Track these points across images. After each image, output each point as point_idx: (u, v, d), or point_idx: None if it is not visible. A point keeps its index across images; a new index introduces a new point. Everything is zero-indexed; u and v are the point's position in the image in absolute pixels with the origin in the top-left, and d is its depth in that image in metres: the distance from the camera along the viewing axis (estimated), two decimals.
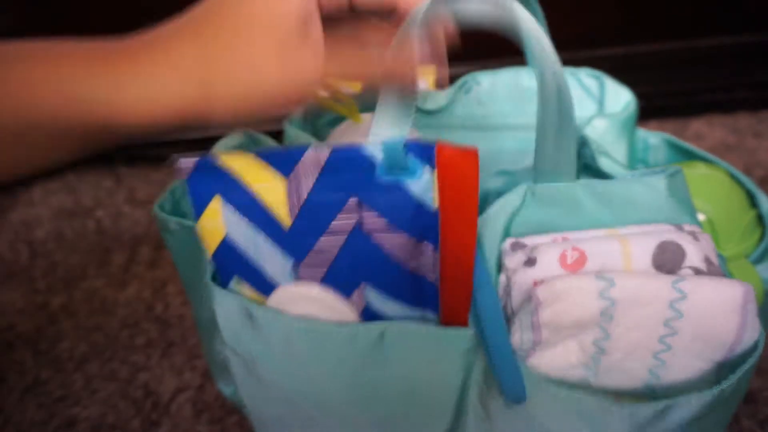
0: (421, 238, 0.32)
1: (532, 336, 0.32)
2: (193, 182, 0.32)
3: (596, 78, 0.47)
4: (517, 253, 0.33)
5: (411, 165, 0.30)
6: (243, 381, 0.40)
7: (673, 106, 0.82)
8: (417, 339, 0.34)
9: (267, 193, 0.32)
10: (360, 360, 0.34)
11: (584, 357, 0.33)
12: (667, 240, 0.32)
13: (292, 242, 0.33)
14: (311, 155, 0.30)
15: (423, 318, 0.35)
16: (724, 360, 0.32)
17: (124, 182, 0.83)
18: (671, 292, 0.31)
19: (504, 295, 0.34)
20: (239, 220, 0.33)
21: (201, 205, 0.33)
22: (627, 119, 0.45)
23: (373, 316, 0.35)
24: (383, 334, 0.34)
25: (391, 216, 0.31)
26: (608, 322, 0.32)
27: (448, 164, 0.29)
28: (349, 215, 0.32)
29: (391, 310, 0.35)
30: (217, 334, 0.40)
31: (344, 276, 0.34)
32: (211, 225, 0.34)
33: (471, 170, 0.29)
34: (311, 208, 0.32)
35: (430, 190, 0.30)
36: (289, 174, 0.31)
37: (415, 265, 0.33)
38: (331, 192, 0.31)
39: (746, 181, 0.44)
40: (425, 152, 0.29)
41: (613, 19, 0.77)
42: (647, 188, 0.34)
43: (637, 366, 0.33)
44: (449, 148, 0.29)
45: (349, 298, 0.35)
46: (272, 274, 0.35)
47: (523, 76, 0.49)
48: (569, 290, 0.31)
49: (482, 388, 0.35)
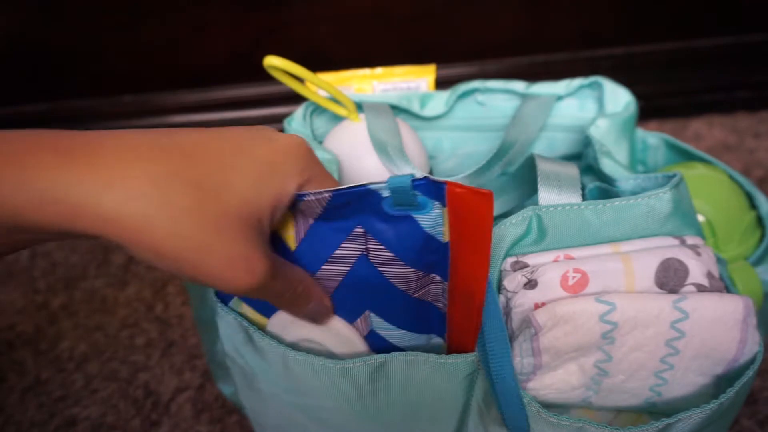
0: (428, 270, 0.31)
1: (532, 360, 0.32)
2: None
3: (595, 83, 0.47)
4: (518, 274, 0.33)
5: (420, 201, 0.28)
6: (243, 389, 0.40)
7: (673, 106, 0.82)
8: (417, 368, 0.33)
9: None
10: (358, 389, 0.34)
11: (585, 379, 0.33)
12: (670, 257, 0.32)
13: (297, 265, 0.32)
14: (312, 199, 0.29)
15: (428, 342, 0.34)
16: (725, 373, 0.32)
17: None
18: (673, 312, 0.31)
19: (504, 316, 0.33)
20: None
21: None
22: (627, 120, 0.45)
23: (378, 340, 0.34)
24: (382, 365, 0.33)
25: (398, 248, 0.30)
26: (610, 345, 0.31)
27: (460, 202, 0.28)
28: (355, 244, 0.31)
29: (396, 336, 0.34)
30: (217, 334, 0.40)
31: (348, 303, 0.33)
32: None
33: (485, 211, 0.27)
34: (317, 233, 0.31)
35: (440, 225, 0.29)
36: (292, 209, 0.30)
37: (422, 295, 0.32)
38: (337, 220, 0.30)
39: (745, 182, 0.43)
40: (434, 190, 0.28)
41: (613, 19, 0.77)
42: (653, 202, 0.33)
43: (638, 385, 0.33)
44: (461, 187, 0.27)
45: (353, 324, 0.34)
46: None
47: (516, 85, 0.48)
48: (570, 314, 0.31)
49: (482, 408, 0.35)
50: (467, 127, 0.50)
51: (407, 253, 0.30)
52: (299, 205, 0.30)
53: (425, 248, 0.30)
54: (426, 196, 0.28)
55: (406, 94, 0.48)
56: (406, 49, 0.77)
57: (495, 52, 0.78)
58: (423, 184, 0.28)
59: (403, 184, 0.28)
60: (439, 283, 0.31)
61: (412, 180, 0.28)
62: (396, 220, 0.29)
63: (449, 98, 0.48)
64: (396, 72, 0.51)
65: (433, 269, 0.31)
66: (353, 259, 0.31)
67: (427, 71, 0.52)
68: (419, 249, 0.30)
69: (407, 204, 0.29)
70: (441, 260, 0.30)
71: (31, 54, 0.76)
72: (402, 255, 0.30)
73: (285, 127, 0.45)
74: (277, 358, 0.34)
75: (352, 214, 0.30)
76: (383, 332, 0.34)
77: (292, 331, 0.34)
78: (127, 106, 0.79)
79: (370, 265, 0.31)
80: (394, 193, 0.28)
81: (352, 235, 0.31)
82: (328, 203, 0.29)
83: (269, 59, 0.38)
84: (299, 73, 0.39)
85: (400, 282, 0.32)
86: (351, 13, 0.74)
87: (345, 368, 0.33)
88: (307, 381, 0.34)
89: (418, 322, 0.34)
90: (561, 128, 0.49)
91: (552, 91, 0.48)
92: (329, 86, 0.42)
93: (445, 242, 0.29)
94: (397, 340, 0.34)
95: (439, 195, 0.28)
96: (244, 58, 0.76)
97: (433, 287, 0.32)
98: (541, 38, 0.78)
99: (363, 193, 0.29)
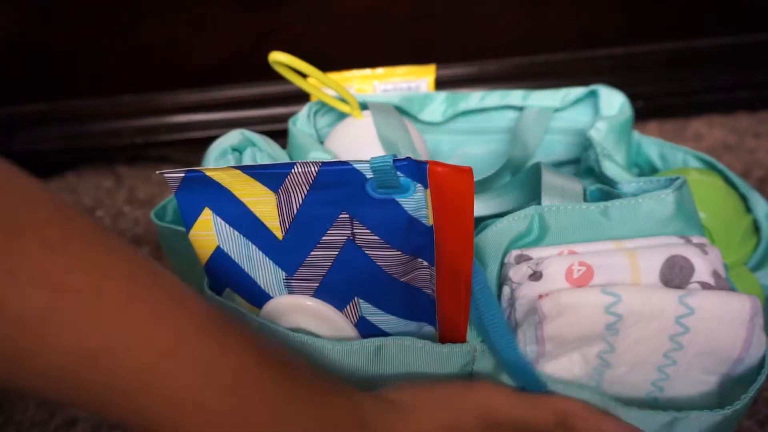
0: (414, 254, 0.31)
1: (536, 348, 0.32)
2: (181, 195, 0.32)
3: (590, 92, 0.48)
4: (522, 266, 0.33)
5: (403, 183, 0.29)
6: None
7: (673, 106, 0.82)
8: (413, 355, 0.34)
9: (258, 206, 0.32)
10: (356, 373, 0.34)
11: (588, 369, 0.33)
12: (675, 254, 0.32)
13: (285, 254, 0.33)
14: (299, 171, 0.30)
15: (420, 330, 0.35)
16: (729, 373, 0.32)
17: (124, 182, 0.83)
18: (678, 307, 0.31)
19: (508, 307, 0.34)
20: (231, 231, 0.33)
21: (191, 218, 0.33)
22: (625, 123, 0.45)
23: (368, 327, 0.35)
24: (379, 349, 0.34)
25: (383, 231, 0.31)
26: (614, 336, 0.31)
27: (441, 182, 0.28)
28: (341, 230, 0.31)
29: (386, 322, 0.35)
30: None
31: (337, 289, 0.33)
32: (202, 236, 0.33)
33: (466, 188, 0.28)
34: (302, 221, 0.31)
35: (424, 208, 0.29)
36: (277, 189, 0.31)
37: (409, 279, 0.33)
38: (322, 206, 0.31)
39: (740, 183, 0.43)
40: (416, 170, 0.28)
41: (613, 19, 0.77)
42: (656, 203, 0.33)
43: (641, 379, 0.33)
44: (442, 165, 0.28)
45: (343, 311, 0.34)
46: (265, 285, 0.34)
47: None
48: (575, 304, 0.31)
49: None
50: (466, 130, 0.50)
51: (392, 236, 0.31)
52: (284, 183, 0.30)
53: (409, 231, 0.30)
54: (408, 177, 0.29)
55: (405, 95, 0.49)
56: (406, 49, 0.77)
57: (495, 52, 0.78)
58: (405, 164, 0.28)
59: (385, 164, 0.28)
60: (427, 269, 0.32)
61: (393, 160, 0.28)
62: (380, 203, 0.30)
63: (446, 111, 0.48)
64: (396, 72, 0.51)
65: (420, 253, 0.31)
66: (340, 244, 0.32)
67: (427, 71, 0.52)
68: (404, 232, 0.30)
69: (390, 186, 0.29)
70: (426, 244, 0.30)
71: (31, 54, 0.76)
72: (387, 238, 0.31)
73: (290, 127, 0.45)
74: None
75: (337, 201, 0.30)
76: (373, 318, 0.34)
77: (284, 320, 0.35)
78: (127, 106, 0.79)
79: (358, 248, 0.32)
80: (376, 173, 0.29)
81: (337, 221, 0.31)
82: (315, 179, 0.30)
83: (274, 55, 0.39)
84: (303, 69, 0.39)
85: (388, 265, 0.32)
86: (351, 13, 0.74)
87: (344, 350, 0.33)
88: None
89: (407, 307, 0.34)
90: (558, 131, 0.49)
91: (549, 103, 0.48)
92: (333, 82, 0.42)
93: (429, 226, 0.30)
94: (387, 327, 0.35)
95: (421, 176, 0.28)
96: (244, 58, 0.76)
97: (420, 272, 0.32)
98: (541, 38, 0.78)
99: (347, 172, 0.29)
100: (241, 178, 0.31)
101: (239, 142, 0.40)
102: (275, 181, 0.31)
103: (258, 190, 0.31)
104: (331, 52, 0.76)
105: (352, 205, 0.30)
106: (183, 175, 0.31)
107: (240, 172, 0.30)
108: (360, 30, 0.75)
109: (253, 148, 0.40)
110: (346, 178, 0.29)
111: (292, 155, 0.44)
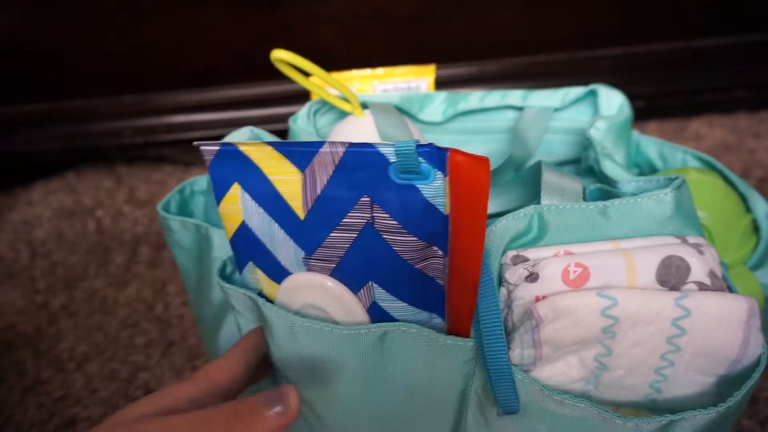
0: (430, 242, 0.32)
1: (533, 352, 0.32)
2: (214, 168, 0.33)
3: (590, 92, 0.48)
4: (519, 267, 0.33)
5: (423, 169, 0.30)
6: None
7: (673, 106, 0.82)
8: (417, 342, 0.34)
9: (283, 185, 0.33)
10: (361, 357, 0.35)
11: (585, 372, 0.33)
12: (671, 255, 0.32)
13: (305, 234, 0.34)
14: (327, 150, 0.31)
15: (430, 321, 0.35)
16: (726, 373, 0.32)
17: (124, 182, 0.83)
18: (675, 309, 0.31)
19: (505, 308, 0.34)
20: (256, 208, 0.34)
21: (222, 190, 0.34)
22: (624, 122, 0.45)
23: (380, 313, 0.35)
24: (384, 335, 0.34)
25: (402, 217, 0.31)
26: (610, 339, 0.31)
27: (460, 171, 0.29)
28: (361, 213, 0.32)
29: (398, 309, 0.35)
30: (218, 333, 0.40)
31: (353, 272, 0.34)
32: (230, 210, 0.34)
33: (483, 178, 0.28)
34: (325, 202, 0.32)
35: (442, 196, 0.30)
36: (305, 168, 0.32)
37: (423, 267, 0.33)
38: (344, 189, 0.32)
39: (739, 183, 0.43)
40: (438, 157, 0.29)
41: (613, 19, 0.77)
42: (655, 203, 0.33)
43: (638, 381, 0.33)
44: (462, 154, 0.28)
45: (356, 294, 0.35)
46: (285, 262, 0.35)
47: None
48: (571, 307, 0.31)
49: (482, 399, 0.35)
50: (466, 130, 0.50)
51: (410, 221, 0.31)
52: (311, 163, 0.31)
53: (427, 217, 0.31)
54: (429, 163, 0.29)
55: (405, 95, 0.49)
56: (406, 49, 0.77)
57: (495, 52, 0.78)
58: (427, 150, 0.29)
59: (409, 149, 0.29)
60: (440, 258, 0.32)
61: (417, 145, 0.29)
62: (400, 188, 0.31)
63: (446, 110, 0.48)
64: (396, 72, 0.51)
65: (435, 240, 0.32)
66: (359, 227, 0.32)
67: (427, 71, 0.52)
68: (421, 218, 0.31)
69: (412, 171, 0.30)
70: (442, 232, 0.31)
71: (31, 54, 0.76)
72: (405, 223, 0.32)
73: (290, 125, 0.45)
74: (284, 329, 0.35)
75: (359, 184, 0.31)
76: (385, 304, 0.35)
77: (300, 295, 0.35)
78: (127, 106, 0.79)
79: (376, 232, 0.32)
80: (399, 156, 0.30)
81: (358, 204, 0.32)
82: (341, 160, 0.31)
83: (276, 52, 0.39)
84: (305, 67, 0.40)
85: (404, 251, 0.33)
86: (351, 13, 0.74)
87: (349, 334, 0.34)
88: (312, 351, 0.35)
89: (419, 296, 0.34)
90: (557, 131, 0.49)
91: (549, 103, 0.48)
92: (334, 80, 0.42)
93: (446, 214, 0.30)
94: (398, 314, 0.35)
95: (441, 163, 0.29)
96: (244, 58, 0.76)
97: (434, 261, 0.33)
98: (540, 38, 0.78)
99: (372, 155, 0.30)
100: (272, 155, 0.32)
101: (249, 138, 0.40)
102: (304, 160, 0.31)
103: (286, 168, 0.32)
104: (331, 52, 0.76)
105: (374, 189, 0.31)
106: (218, 148, 0.32)
107: (272, 149, 0.32)
108: (360, 30, 0.75)
109: (274, 141, 0.41)
110: (371, 161, 0.30)
111: None
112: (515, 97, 0.48)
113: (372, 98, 0.47)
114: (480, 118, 0.50)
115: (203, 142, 0.32)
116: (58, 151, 0.81)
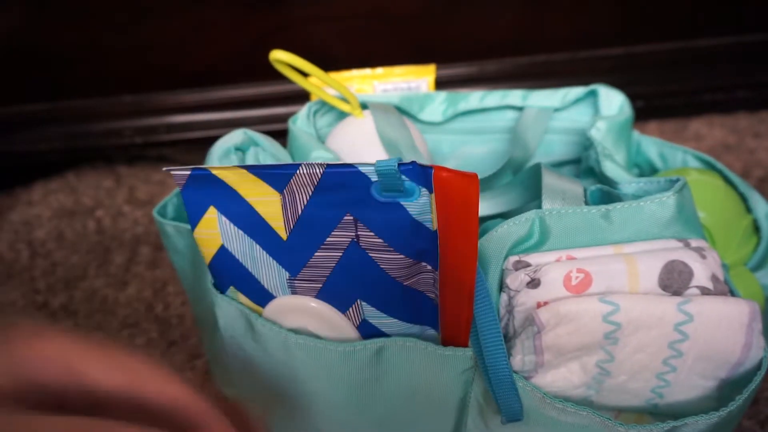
0: (419, 259, 0.31)
1: (534, 358, 0.32)
2: (187, 193, 0.32)
3: (590, 92, 0.48)
4: (520, 273, 0.33)
5: (407, 187, 0.29)
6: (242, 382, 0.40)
7: (673, 106, 0.82)
8: (415, 356, 0.34)
9: (262, 206, 0.32)
10: (357, 374, 0.34)
11: (587, 378, 0.32)
12: (674, 259, 0.32)
13: (289, 254, 0.33)
14: (304, 173, 0.30)
15: (422, 333, 0.35)
16: (728, 377, 0.32)
17: (124, 182, 0.83)
18: (677, 314, 0.31)
19: (506, 314, 0.33)
20: (235, 230, 0.33)
21: (196, 215, 0.33)
22: (624, 123, 0.45)
23: (371, 330, 0.35)
24: (381, 350, 0.34)
25: (388, 235, 0.31)
26: (613, 345, 0.31)
27: (446, 187, 0.28)
28: (345, 231, 0.31)
29: (389, 324, 0.34)
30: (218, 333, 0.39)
31: (340, 291, 0.33)
32: (207, 235, 0.33)
33: (471, 194, 0.28)
34: (307, 221, 0.31)
35: (428, 212, 0.29)
36: (282, 189, 0.31)
37: (413, 283, 0.32)
38: (326, 208, 0.31)
39: (740, 183, 0.43)
40: (422, 174, 0.28)
41: (613, 19, 0.77)
42: (657, 206, 0.33)
43: (640, 386, 0.33)
44: (447, 171, 0.27)
45: (345, 313, 0.34)
46: (268, 285, 0.34)
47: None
48: (573, 314, 0.31)
49: (482, 405, 0.35)
50: (466, 130, 0.50)
51: (396, 239, 0.31)
52: (289, 184, 0.30)
53: (414, 235, 0.30)
54: (413, 181, 0.28)
55: (405, 95, 0.49)
56: (406, 49, 0.77)
57: (495, 52, 0.78)
58: (410, 168, 0.28)
59: (390, 168, 0.28)
60: (431, 273, 0.32)
61: (399, 164, 0.28)
62: (384, 206, 0.30)
63: (446, 110, 0.48)
64: (396, 72, 0.51)
65: (423, 257, 0.31)
66: (344, 245, 0.32)
67: (427, 71, 0.52)
68: (407, 235, 0.30)
69: (395, 189, 0.29)
70: (431, 249, 0.30)
71: (31, 54, 0.76)
72: (391, 241, 0.31)
73: (290, 126, 0.45)
74: (278, 344, 0.34)
75: (342, 203, 0.30)
76: (375, 321, 0.34)
77: (287, 320, 0.35)
78: (127, 106, 0.79)
79: (361, 250, 0.31)
80: (381, 176, 0.29)
81: (342, 223, 0.31)
82: (320, 181, 0.30)
83: (275, 53, 0.39)
84: (304, 68, 0.40)
85: (391, 268, 0.32)
86: (351, 13, 0.74)
87: (345, 351, 0.33)
88: (307, 367, 0.34)
89: (409, 311, 0.34)
90: (558, 131, 0.49)
91: (549, 103, 0.48)
92: (334, 81, 0.42)
93: (434, 230, 0.30)
94: (389, 330, 0.35)
95: (426, 180, 0.28)
96: (244, 58, 0.76)
97: (424, 276, 0.32)
98: (540, 38, 0.78)
99: (352, 175, 0.29)
100: (247, 177, 0.31)
101: (242, 141, 0.40)
102: (280, 182, 0.30)
103: (263, 190, 0.31)
104: (331, 52, 0.76)
105: (357, 208, 0.30)
106: (189, 172, 0.31)
107: (246, 171, 0.30)
108: (360, 30, 0.75)
109: (256, 147, 0.40)
110: (351, 181, 0.29)
111: (293, 155, 0.44)
112: (515, 97, 0.48)
113: (372, 98, 0.47)
114: (480, 118, 0.50)
115: (173, 168, 0.31)
116: (58, 151, 0.81)
